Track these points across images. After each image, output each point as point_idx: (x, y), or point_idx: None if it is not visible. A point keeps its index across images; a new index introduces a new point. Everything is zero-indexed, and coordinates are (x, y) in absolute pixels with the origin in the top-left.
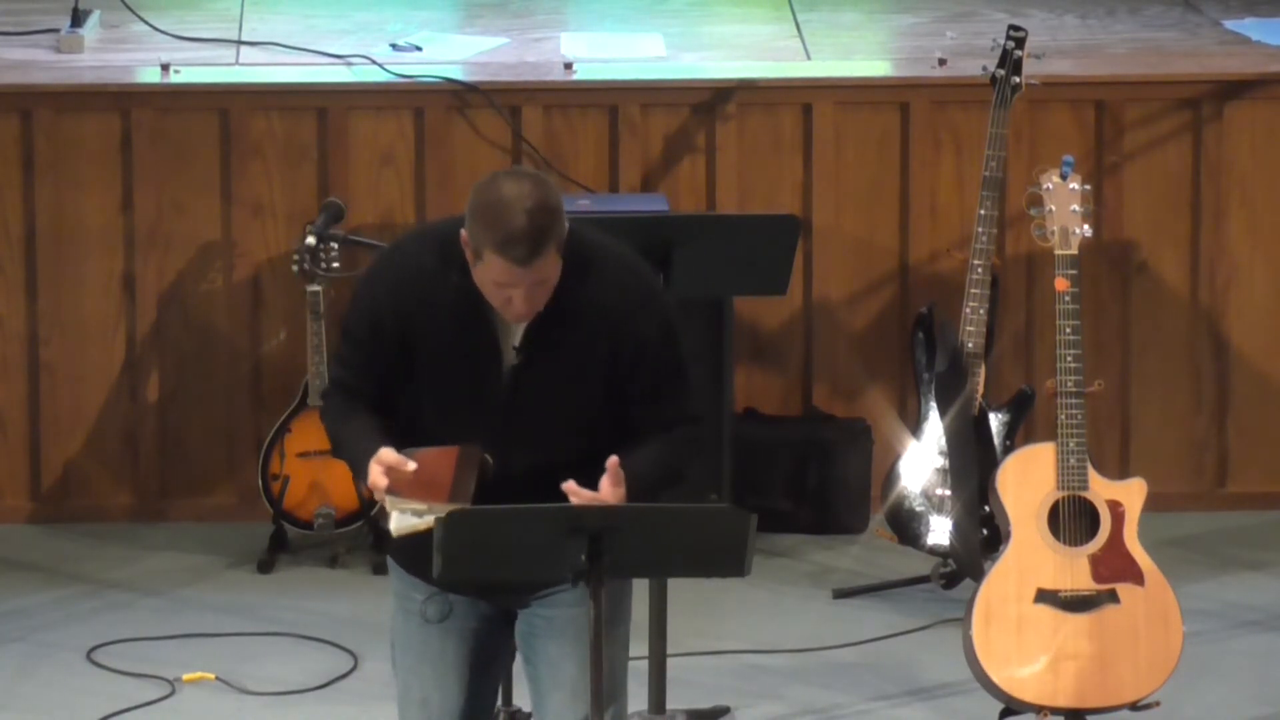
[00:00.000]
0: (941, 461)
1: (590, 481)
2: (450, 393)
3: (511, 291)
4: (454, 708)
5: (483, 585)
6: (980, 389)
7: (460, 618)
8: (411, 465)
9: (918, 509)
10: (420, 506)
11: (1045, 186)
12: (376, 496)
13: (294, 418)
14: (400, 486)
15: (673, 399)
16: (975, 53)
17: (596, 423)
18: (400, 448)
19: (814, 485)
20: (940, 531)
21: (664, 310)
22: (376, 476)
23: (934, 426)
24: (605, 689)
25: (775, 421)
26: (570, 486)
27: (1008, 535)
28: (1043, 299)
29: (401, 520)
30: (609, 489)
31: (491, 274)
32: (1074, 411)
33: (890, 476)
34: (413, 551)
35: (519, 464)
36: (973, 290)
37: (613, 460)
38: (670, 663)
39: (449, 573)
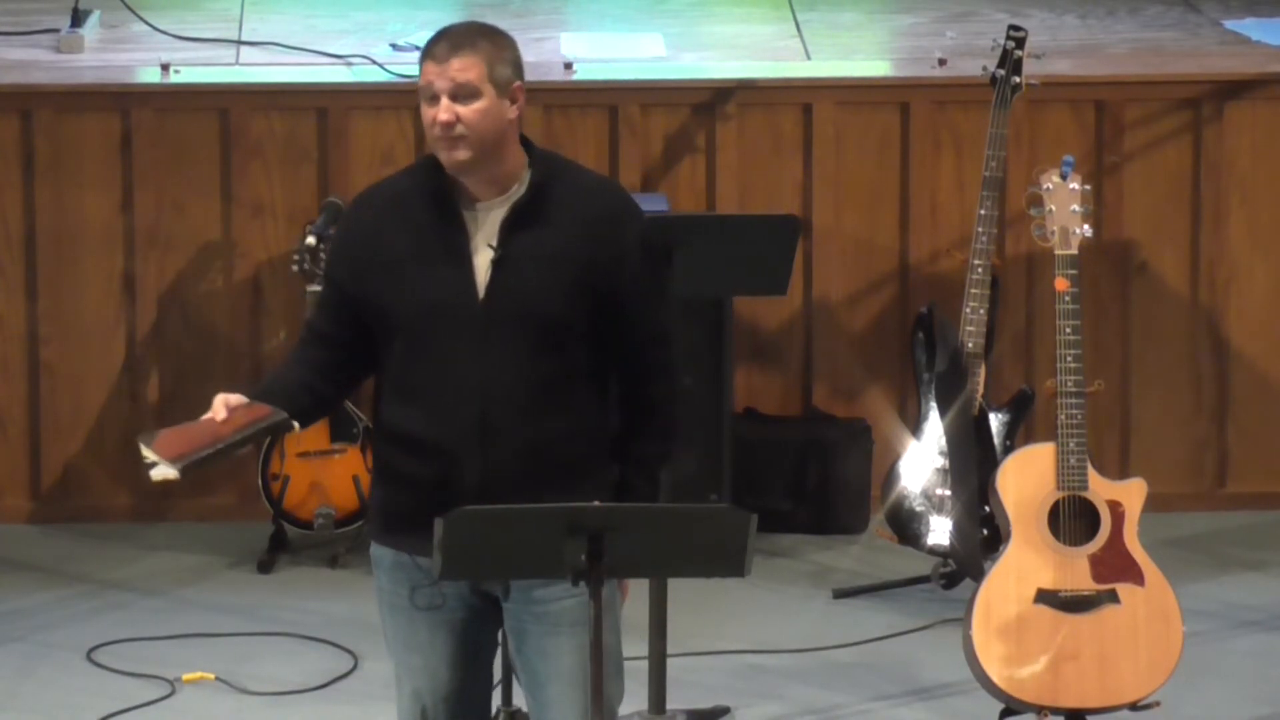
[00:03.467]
0: (941, 461)
1: (570, 417)
2: (427, 305)
3: (436, 108)
4: (446, 694)
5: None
6: (980, 389)
7: (449, 610)
8: (214, 414)
9: (918, 509)
10: (151, 456)
11: (1045, 186)
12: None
13: None
14: (175, 431)
15: (646, 315)
16: (975, 53)
17: (573, 335)
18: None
19: (814, 485)
20: (940, 531)
21: (642, 222)
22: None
23: (934, 426)
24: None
25: (775, 421)
26: None
27: (1008, 535)
28: (1043, 299)
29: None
30: None
31: (421, 88)
32: (1074, 411)
33: (890, 476)
34: (401, 529)
35: (497, 383)
36: (973, 290)
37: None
38: (670, 663)
39: (449, 572)
